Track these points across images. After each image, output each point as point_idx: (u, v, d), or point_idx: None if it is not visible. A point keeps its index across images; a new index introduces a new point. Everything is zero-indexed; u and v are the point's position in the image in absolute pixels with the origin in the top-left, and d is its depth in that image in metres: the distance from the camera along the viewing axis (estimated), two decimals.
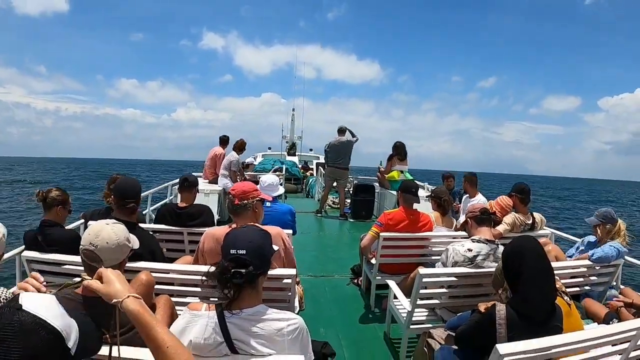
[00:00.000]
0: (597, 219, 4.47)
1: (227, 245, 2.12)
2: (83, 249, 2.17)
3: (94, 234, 2.17)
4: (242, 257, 2.03)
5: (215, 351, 1.97)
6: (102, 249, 2.15)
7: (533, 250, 2.61)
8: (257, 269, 2.07)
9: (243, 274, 2.00)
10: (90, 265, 2.16)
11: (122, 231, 2.31)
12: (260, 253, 2.14)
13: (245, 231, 2.22)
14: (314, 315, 4.73)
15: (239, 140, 10.12)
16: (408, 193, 5.05)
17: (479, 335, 2.61)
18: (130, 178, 4.00)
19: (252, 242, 2.11)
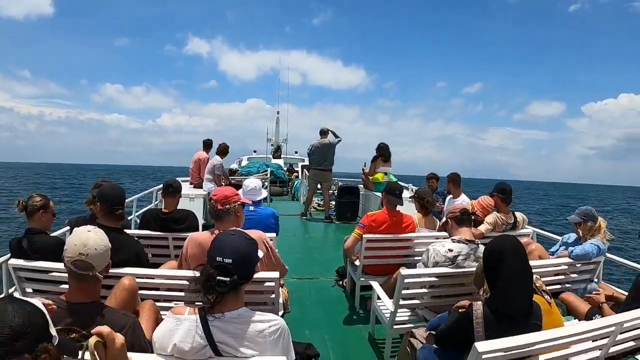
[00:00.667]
0: (578, 216, 4.54)
1: (213, 252, 2.14)
2: (73, 261, 2.17)
3: (81, 244, 2.17)
4: (227, 266, 2.06)
5: (199, 354, 1.99)
6: (92, 256, 2.17)
7: (512, 250, 2.63)
8: (241, 278, 2.10)
9: (227, 282, 2.03)
10: (79, 275, 2.17)
11: (104, 235, 2.33)
12: (246, 262, 2.16)
13: (233, 239, 2.23)
14: (299, 317, 4.75)
15: (221, 144, 10.11)
16: (392, 195, 5.08)
17: (458, 334, 2.65)
18: (114, 184, 3.97)
19: (238, 251, 2.13)
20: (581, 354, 2.65)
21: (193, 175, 10.37)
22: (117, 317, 2.23)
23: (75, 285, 2.22)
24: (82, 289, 2.21)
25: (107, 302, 2.52)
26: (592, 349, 2.67)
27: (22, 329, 1.35)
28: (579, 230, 4.55)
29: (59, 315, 2.10)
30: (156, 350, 2.07)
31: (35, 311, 1.44)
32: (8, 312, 1.36)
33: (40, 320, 1.43)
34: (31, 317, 1.40)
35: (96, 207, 3.63)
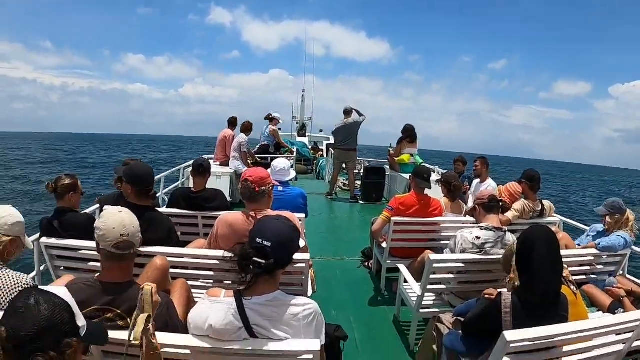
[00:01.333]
0: (605, 209, 4.49)
1: (255, 233, 2.17)
2: (116, 243, 2.19)
3: (120, 226, 2.19)
4: (266, 249, 2.09)
5: (234, 336, 2.05)
6: (132, 235, 2.21)
7: (544, 240, 2.62)
8: (278, 264, 2.14)
9: (262, 265, 2.07)
10: (119, 255, 2.21)
11: (130, 212, 2.36)
12: (285, 248, 2.20)
13: (277, 223, 2.25)
14: (325, 297, 4.79)
15: (245, 122, 10.21)
16: (420, 178, 5.08)
17: (486, 322, 2.68)
18: (142, 164, 3.97)
19: (279, 237, 2.16)
20: (605, 347, 2.66)
21: (219, 153, 10.43)
22: None
23: (112, 266, 2.25)
24: (119, 268, 2.25)
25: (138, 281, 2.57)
26: (615, 343, 2.68)
27: (48, 325, 1.38)
28: (607, 221, 4.51)
29: (94, 296, 2.17)
30: (191, 331, 2.13)
31: (62, 305, 1.47)
32: (32, 308, 1.39)
33: (67, 314, 1.46)
34: (57, 312, 1.42)
35: (125, 187, 3.62)
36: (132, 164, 3.92)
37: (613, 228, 4.42)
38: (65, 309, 1.46)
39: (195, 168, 4.86)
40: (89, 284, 2.23)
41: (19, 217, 2.61)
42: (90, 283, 2.23)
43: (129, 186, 3.57)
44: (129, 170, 3.64)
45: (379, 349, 4.07)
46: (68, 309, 1.47)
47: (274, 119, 12.86)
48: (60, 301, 1.47)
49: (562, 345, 2.53)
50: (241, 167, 9.52)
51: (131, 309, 2.14)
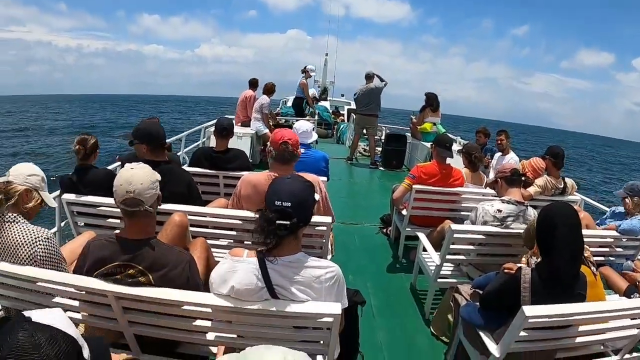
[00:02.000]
0: (624, 191, 4.44)
1: (272, 195, 2.16)
2: (122, 200, 2.20)
3: (126, 183, 2.19)
4: (287, 209, 2.09)
5: (256, 296, 2.08)
6: (139, 191, 2.18)
7: (568, 219, 2.60)
8: (300, 222, 2.14)
9: (287, 226, 2.07)
10: (130, 212, 2.21)
11: (148, 168, 2.34)
12: (304, 205, 2.19)
13: (290, 182, 2.24)
14: (343, 262, 4.81)
15: (268, 84, 10.06)
16: (442, 147, 5.07)
17: (504, 297, 2.70)
18: (149, 121, 3.99)
19: (297, 195, 2.16)
20: (619, 330, 2.69)
21: (240, 113, 10.40)
22: (174, 253, 2.31)
23: (129, 223, 2.27)
24: (136, 225, 2.25)
25: (158, 237, 2.60)
26: (630, 327, 2.69)
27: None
28: (627, 205, 4.46)
29: (115, 252, 2.21)
30: (213, 290, 2.16)
31: (67, 346, 1.15)
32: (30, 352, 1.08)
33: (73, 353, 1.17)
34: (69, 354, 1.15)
35: (139, 147, 3.60)
36: (139, 123, 3.90)
37: (633, 211, 4.37)
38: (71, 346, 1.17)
39: (218, 130, 4.85)
40: (110, 240, 2.26)
41: (37, 170, 2.62)
42: (111, 239, 2.26)
43: (142, 145, 3.57)
44: (137, 130, 3.63)
45: (395, 315, 4.12)
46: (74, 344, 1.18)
47: (306, 72, 12.80)
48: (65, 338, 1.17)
49: (578, 325, 2.55)
50: (262, 128, 9.51)
51: (152, 265, 2.19)
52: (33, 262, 2.32)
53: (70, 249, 2.93)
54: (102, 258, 2.20)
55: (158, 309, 2.18)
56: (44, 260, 2.35)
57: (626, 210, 4.49)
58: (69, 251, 2.83)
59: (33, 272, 2.22)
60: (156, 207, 2.33)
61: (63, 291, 2.25)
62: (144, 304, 2.16)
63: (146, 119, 4.77)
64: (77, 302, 2.30)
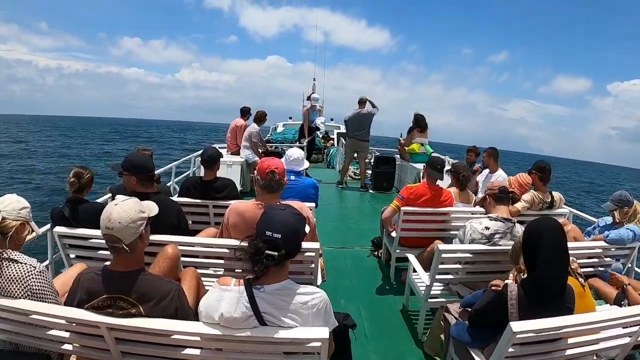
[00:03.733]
0: (612, 203, 4.49)
1: (264, 225, 2.19)
2: (103, 235, 2.23)
3: (106, 219, 2.21)
4: (277, 241, 2.12)
5: (245, 324, 2.09)
6: (117, 229, 2.19)
7: (552, 232, 2.63)
8: (289, 254, 2.17)
9: (275, 257, 2.09)
10: (112, 247, 2.23)
11: (132, 206, 2.31)
12: (295, 238, 2.23)
13: (283, 214, 2.27)
14: (335, 286, 4.84)
15: (258, 112, 10.11)
16: (433, 169, 5.09)
17: (492, 314, 2.71)
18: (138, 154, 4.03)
19: (288, 227, 2.19)
20: (611, 339, 2.70)
21: (230, 142, 10.42)
22: (162, 284, 2.32)
23: (116, 256, 2.28)
24: (123, 258, 2.26)
25: (150, 269, 2.58)
26: (621, 336, 2.71)
27: None
28: (615, 216, 4.50)
29: (105, 284, 2.22)
30: (202, 319, 2.17)
31: None
32: None
33: None
34: None
35: (128, 178, 3.64)
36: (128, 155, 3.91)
37: (622, 220, 4.41)
38: None
39: (203, 159, 4.87)
40: (100, 273, 2.27)
41: (25, 202, 2.64)
42: (101, 272, 2.28)
43: (131, 177, 3.61)
44: (127, 162, 3.65)
45: (388, 337, 4.10)
46: None
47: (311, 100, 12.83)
48: None
49: (568, 337, 2.56)
50: (252, 156, 9.54)
51: (142, 296, 2.20)
52: (27, 295, 2.32)
53: (62, 282, 2.93)
54: (93, 291, 2.22)
55: (150, 339, 2.20)
56: (38, 293, 2.36)
57: (615, 221, 4.52)
58: (61, 284, 2.84)
59: (26, 304, 2.24)
60: (139, 244, 2.31)
61: (56, 323, 2.26)
62: (137, 334, 2.18)
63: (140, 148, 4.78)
64: (70, 334, 2.31)
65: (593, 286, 3.90)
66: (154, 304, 2.22)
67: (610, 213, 4.58)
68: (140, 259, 2.40)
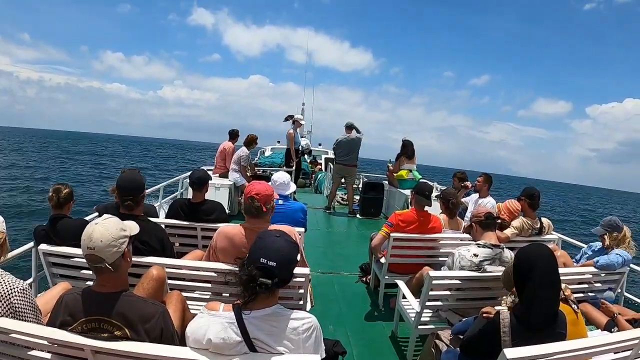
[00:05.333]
0: (602, 228, 4.51)
1: (258, 251, 2.17)
2: (84, 255, 2.19)
3: (87, 238, 2.17)
4: (272, 269, 2.10)
5: (234, 350, 2.05)
6: (99, 249, 2.15)
7: (543, 259, 2.64)
8: (281, 282, 2.16)
9: (269, 285, 2.08)
10: (94, 267, 2.19)
11: (113, 224, 2.28)
12: (289, 266, 2.22)
13: (279, 241, 2.25)
14: (323, 312, 4.79)
15: (249, 136, 10.16)
16: (422, 195, 5.09)
17: (484, 342, 2.68)
18: (132, 172, 3.89)
19: (283, 255, 2.18)
20: None
21: (218, 164, 10.42)
22: (147, 306, 2.26)
23: (99, 277, 2.24)
24: (106, 279, 2.22)
25: (135, 290, 2.53)
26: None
27: None
28: (605, 241, 4.52)
29: (89, 306, 2.17)
30: (189, 344, 2.11)
31: None
32: None
33: None
34: None
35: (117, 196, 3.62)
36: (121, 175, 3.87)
37: (612, 245, 4.43)
38: None
39: (192, 181, 4.86)
40: (83, 294, 2.22)
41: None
42: (84, 293, 2.22)
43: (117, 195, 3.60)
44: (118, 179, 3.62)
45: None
46: None
47: (295, 121, 12.27)
48: None
49: None
50: (239, 179, 9.53)
51: (126, 318, 2.15)
52: (9, 313, 2.27)
53: (45, 301, 2.85)
54: (76, 312, 2.16)
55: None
56: (19, 312, 2.31)
57: (604, 246, 4.53)
58: (44, 302, 2.76)
59: (7, 323, 2.17)
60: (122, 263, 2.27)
61: (38, 344, 2.19)
62: (123, 358, 2.11)
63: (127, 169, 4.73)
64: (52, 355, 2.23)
65: (583, 312, 3.90)
66: (139, 326, 2.17)
67: (600, 237, 4.59)
68: (125, 279, 2.36)
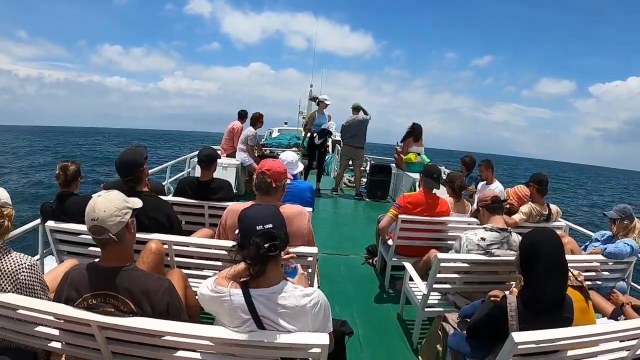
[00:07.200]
0: (616, 213, 4.46)
1: (250, 222, 2.17)
2: (88, 228, 2.19)
3: (90, 210, 2.17)
4: (271, 231, 2.10)
5: (242, 327, 2.06)
6: (102, 219, 2.14)
7: (549, 243, 2.64)
8: (283, 242, 2.16)
9: (277, 244, 2.08)
10: (100, 240, 2.19)
11: (116, 195, 2.29)
12: (283, 225, 2.25)
13: (262, 207, 2.31)
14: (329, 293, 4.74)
15: (255, 114, 9.94)
16: (430, 178, 5.08)
17: (491, 326, 2.69)
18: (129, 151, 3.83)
19: (273, 215, 2.20)
20: (609, 352, 2.66)
21: (226, 144, 10.38)
22: (152, 280, 2.27)
23: (104, 251, 2.24)
24: (110, 252, 2.23)
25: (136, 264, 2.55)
26: (619, 349, 2.68)
27: None
28: (614, 228, 4.49)
29: (95, 281, 2.18)
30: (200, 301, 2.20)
31: None
32: None
33: None
34: None
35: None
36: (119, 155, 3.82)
37: (620, 233, 4.41)
38: None
39: (200, 159, 4.83)
40: (89, 268, 2.23)
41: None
42: (90, 268, 2.23)
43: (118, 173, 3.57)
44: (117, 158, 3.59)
45: (383, 346, 4.08)
46: None
47: (320, 102, 10.97)
48: None
49: (567, 350, 2.53)
50: (247, 159, 9.49)
51: (132, 293, 2.16)
52: (16, 289, 2.28)
53: (52, 277, 2.85)
54: (82, 287, 2.17)
55: (143, 339, 2.14)
56: (27, 287, 2.32)
57: (613, 234, 4.52)
58: (52, 279, 2.76)
59: (14, 299, 2.18)
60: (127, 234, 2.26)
61: (45, 320, 2.21)
62: (129, 334, 2.12)
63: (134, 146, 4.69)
64: (59, 331, 2.25)
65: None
66: (145, 300, 2.17)
67: (610, 222, 4.55)
68: (129, 252, 2.37)
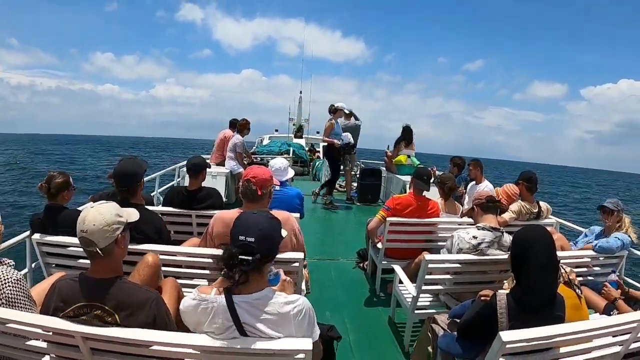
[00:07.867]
0: (612, 205, 4.45)
1: (237, 231, 2.16)
2: (78, 238, 2.17)
3: (81, 221, 2.15)
4: (250, 245, 2.08)
5: (225, 334, 2.03)
6: (91, 232, 2.13)
7: (539, 241, 2.61)
8: (264, 258, 2.12)
9: (250, 261, 2.05)
10: (87, 251, 2.17)
11: (109, 209, 2.25)
12: (269, 241, 2.19)
13: (256, 218, 2.24)
14: (319, 298, 4.79)
15: (241, 121, 9.83)
16: (420, 180, 5.08)
17: (481, 324, 2.65)
18: (129, 161, 3.83)
19: (261, 230, 2.15)
20: (602, 348, 2.64)
21: (214, 153, 10.36)
22: (140, 292, 2.24)
23: (93, 262, 2.22)
24: (99, 264, 2.20)
25: (130, 277, 2.52)
26: (612, 344, 2.66)
27: None
28: (609, 220, 4.48)
29: (81, 291, 2.14)
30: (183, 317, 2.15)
31: None
32: None
33: None
34: None
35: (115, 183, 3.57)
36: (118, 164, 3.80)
37: (612, 228, 4.41)
38: None
39: (188, 167, 4.78)
40: (76, 279, 2.20)
41: None
42: (77, 279, 2.20)
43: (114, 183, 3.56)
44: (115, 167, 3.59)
45: (374, 349, 4.05)
46: None
47: (337, 110, 10.39)
48: None
49: (559, 347, 2.51)
50: (236, 167, 9.44)
51: (118, 304, 2.12)
52: (2, 303, 2.24)
53: (40, 291, 2.82)
54: (68, 297, 2.14)
55: (127, 349, 2.11)
56: (12, 301, 2.28)
57: (605, 227, 4.53)
58: (39, 292, 2.73)
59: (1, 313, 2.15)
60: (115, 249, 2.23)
61: (31, 332, 2.17)
62: (113, 344, 2.09)
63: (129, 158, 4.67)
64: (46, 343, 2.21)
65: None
66: (130, 312, 2.14)
67: (602, 216, 4.55)
68: (118, 266, 2.32)
